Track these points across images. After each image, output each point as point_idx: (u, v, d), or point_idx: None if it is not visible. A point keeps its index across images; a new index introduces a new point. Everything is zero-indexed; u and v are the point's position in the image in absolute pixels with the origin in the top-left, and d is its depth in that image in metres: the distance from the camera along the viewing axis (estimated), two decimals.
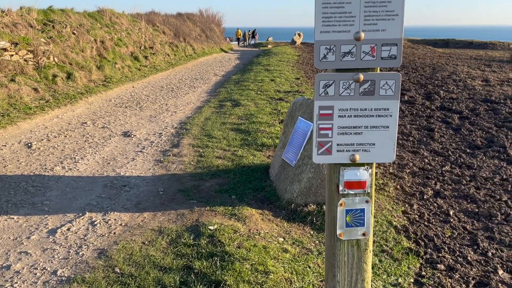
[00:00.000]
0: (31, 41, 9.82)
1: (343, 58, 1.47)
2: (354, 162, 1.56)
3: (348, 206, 1.57)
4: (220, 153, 5.67)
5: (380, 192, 4.60)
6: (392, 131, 1.55)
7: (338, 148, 1.55)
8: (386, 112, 1.53)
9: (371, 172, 1.58)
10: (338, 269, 1.57)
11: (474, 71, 13.87)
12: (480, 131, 6.99)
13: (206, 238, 3.40)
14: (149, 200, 4.27)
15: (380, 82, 1.50)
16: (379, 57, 1.47)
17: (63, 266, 3.08)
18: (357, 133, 1.54)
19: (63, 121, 7.37)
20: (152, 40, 18.15)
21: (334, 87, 1.50)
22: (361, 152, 1.55)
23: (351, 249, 1.58)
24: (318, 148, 1.55)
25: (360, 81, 1.49)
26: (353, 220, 1.57)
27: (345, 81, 1.50)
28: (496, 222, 3.97)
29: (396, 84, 1.50)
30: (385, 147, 1.55)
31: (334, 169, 1.58)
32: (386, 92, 1.50)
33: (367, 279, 1.57)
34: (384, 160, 1.57)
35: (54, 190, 4.46)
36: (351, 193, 1.57)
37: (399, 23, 1.43)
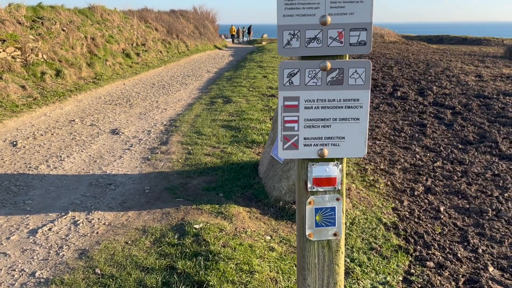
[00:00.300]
0: (19, 38, 9.67)
1: (308, 45, 1.37)
2: (323, 157, 1.45)
3: (318, 205, 1.47)
4: (209, 150, 5.58)
5: (370, 189, 4.53)
6: (363, 124, 1.44)
7: (305, 142, 1.45)
8: (356, 103, 1.42)
9: (341, 168, 1.48)
10: (309, 272, 1.46)
11: (467, 67, 13.85)
12: (473, 126, 6.95)
13: (191, 237, 3.32)
14: (134, 198, 4.17)
15: (349, 70, 1.39)
16: (347, 43, 1.37)
17: (42, 268, 2.99)
18: (325, 126, 1.44)
19: (51, 119, 7.24)
20: (144, 37, 17.98)
21: (300, 76, 1.40)
22: (330, 146, 1.45)
23: (321, 251, 1.47)
24: (283, 142, 1.45)
25: (328, 69, 1.39)
26: (323, 220, 1.47)
27: (311, 70, 1.39)
28: (487, 218, 3.92)
29: (366, 73, 1.40)
30: (355, 141, 1.45)
31: (302, 164, 1.48)
32: (355, 81, 1.40)
33: (340, 282, 1.47)
34: (354, 155, 1.47)
35: (37, 189, 4.35)
36: (320, 191, 1.47)
37: (368, 6, 1.33)
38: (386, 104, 8.90)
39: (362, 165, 5.26)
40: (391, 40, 29.76)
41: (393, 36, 32.62)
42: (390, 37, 31.50)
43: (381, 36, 30.71)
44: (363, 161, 5.44)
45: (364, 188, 4.53)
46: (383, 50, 21.49)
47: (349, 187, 4.39)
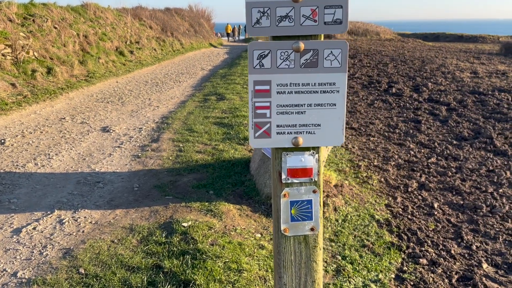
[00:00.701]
0: (10, 35, 9.53)
1: (279, 23, 1.27)
2: (297, 146, 1.36)
3: (293, 197, 1.37)
4: (200, 148, 5.49)
5: (364, 185, 4.47)
6: (340, 110, 1.35)
7: (278, 130, 1.36)
8: (332, 87, 1.33)
9: (317, 158, 1.39)
10: (284, 270, 1.36)
11: (463, 64, 13.81)
12: (468, 122, 6.89)
13: (178, 235, 3.23)
14: (122, 196, 4.09)
15: (324, 51, 1.30)
16: (321, 22, 1.27)
17: (25, 268, 2.90)
18: (300, 112, 1.34)
19: (41, 117, 7.13)
20: (138, 34, 17.85)
21: (271, 58, 1.30)
22: (304, 134, 1.36)
23: (298, 247, 1.38)
24: (255, 130, 1.35)
25: (301, 50, 1.29)
26: (299, 213, 1.38)
27: (283, 51, 1.29)
28: (481, 214, 3.86)
29: (342, 54, 1.30)
30: (332, 128, 1.36)
31: (276, 154, 1.38)
32: (331, 63, 1.30)
33: (318, 280, 1.38)
34: (331, 143, 1.37)
35: (23, 188, 4.26)
36: (296, 182, 1.38)
37: None
38: (381, 100, 8.84)
39: (355, 162, 5.19)
40: (386, 38, 29.73)
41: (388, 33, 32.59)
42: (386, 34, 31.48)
43: (376, 33, 30.68)
44: (357, 157, 5.37)
45: (357, 185, 4.46)
46: (378, 47, 21.45)
47: (342, 184, 4.32)
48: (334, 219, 3.70)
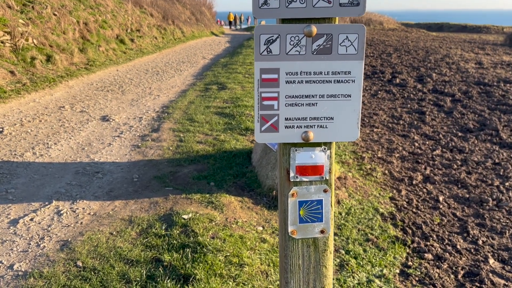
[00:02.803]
0: (8, 22, 9.39)
1: (289, 5, 1.14)
2: (308, 141, 1.23)
3: (302, 197, 1.25)
4: (201, 138, 5.41)
5: (367, 178, 4.39)
6: (355, 101, 1.23)
7: (287, 124, 1.23)
8: (347, 77, 1.20)
9: (329, 154, 1.26)
10: (292, 275, 1.26)
11: (467, 54, 13.64)
12: (473, 114, 6.79)
13: (178, 228, 3.17)
14: (122, 187, 4.01)
15: (339, 36, 1.17)
16: (336, 3, 1.14)
17: (21, 260, 2.84)
18: (311, 104, 1.22)
19: (40, 105, 7.04)
20: (139, 22, 17.64)
21: (280, 44, 1.17)
22: (316, 128, 1.23)
23: (307, 250, 1.27)
24: (261, 124, 1.22)
25: (313, 35, 1.16)
26: (309, 215, 1.26)
27: (294, 36, 1.16)
28: (488, 208, 3.78)
29: (359, 40, 1.18)
30: (346, 121, 1.23)
31: (284, 150, 1.26)
32: (346, 50, 1.18)
33: (328, 286, 1.28)
34: (345, 138, 1.25)
35: (21, 177, 4.18)
36: (305, 181, 1.25)
37: None
38: (384, 91, 8.72)
39: (359, 153, 5.10)
40: (390, 28, 29.44)
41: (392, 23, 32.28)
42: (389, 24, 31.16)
43: (380, 23, 30.37)
44: (360, 149, 5.28)
45: (360, 177, 4.38)
46: (382, 37, 21.22)
47: (345, 176, 4.24)
48: (337, 212, 3.63)
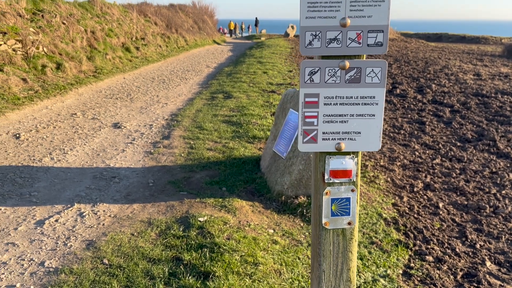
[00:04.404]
0: (20, 30, 9.66)
1: (329, 45, 1.45)
2: (340, 150, 1.54)
3: (334, 195, 1.56)
4: (211, 145, 5.64)
5: (371, 185, 4.61)
6: (378, 120, 1.53)
7: (324, 137, 1.53)
8: (372, 100, 1.51)
9: (356, 161, 1.57)
10: (323, 258, 1.56)
11: (466, 65, 13.93)
12: (471, 124, 7.03)
13: (195, 229, 3.38)
14: (138, 191, 4.23)
15: (366, 69, 1.48)
16: (365, 44, 1.45)
17: (51, 257, 3.05)
18: (343, 121, 1.53)
19: (52, 112, 7.27)
20: (143, 31, 17.95)
21: (320, 74, 1.48)
22: (346, 140, 1.54)
23: (336, 238, 1.57)
24: (303, 137, 1.53)
25: (346, 68, 1.47)
26: (339, 209, 1.57)
27: (331, 68, 1.48)
28: (485, 215, 4.01)
29: (382, 72, 1.48)
30: (371, 135, 1.54)
31: (320, 157, 1.56)
32: (372, 79, 1.48)
33: (353, 268, 1.57)
34: (370, 148, 1.56)
35: (42, 181, 4.40)
36: (337, 182, 1.56)
37: (385, 10, 1.42)
38: (385, 101, 8.97)
39: (362, 162, 5.33)
40: (389, 37, 29.80)
41: (392, 33, 32.65)
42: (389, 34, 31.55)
43: None
44: (363, 157, 5.51)
45: (364, 184, 4.61)
46: None
47: None
48: None
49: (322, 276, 1.57)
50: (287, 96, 4.69)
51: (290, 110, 4.42)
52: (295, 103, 4.45)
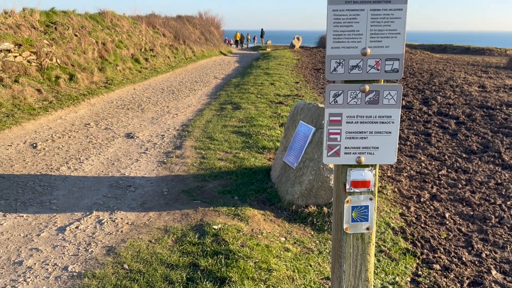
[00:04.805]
0: (34, 42, 9.93)
1: (351, 71, 1.64)
2: (360, 163, 1.73)
3: (354, 203, 1.74)
4: (222, 155, 5.79)
5: (378, 195, 4.73)
6: (394, 136, 1.72)
7: (346, 151, 1.72)
8: (388, 119, 1.70)
9: (374, 173, 1.75)
10: (344, 260, 1.73)
11: (471, 77, 14.06)
12: (476, 136, 7.15)
13: (210, 237, 3.52)
14: (154, 200, 4.38)
15: (384, 92, 1.67)
16: (383, 70, 1.64)
17: (74, 262, 3.20)
18: (363, 137, 1.71)
19: (67, 122, 7.47)
20: (152, 42, 18.27)
21: (343, 97, 1.67)
22: (366, 154, 1.72)
23: (356, 242, 1.75)
24: (327, 151, 1.72)
25: (366, 91, 1.66)
26: (358, 216, 1.74)
27: (353, 91, 1.67)
28: (490, 225, 4.11)
29: (397, 95, 1.68)
30: (387, 150, 1.73)
31: (342, 169, 1.74)
32: (389, 101, 1.68)
33: (370, 269, 1.73)
34: (386, 162, 1.74)
35: (61, 190, 4.57)
36: (357, 191, 1.74)
37: (401, 41, 1.61)
38: None
39: None
40: None
41: None
42: None
43: None
44: None
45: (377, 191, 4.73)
46: None
47: None
48: None
49: (343, 276, 1.75)
50: (297, 108, 4.85)
51: (300, 122, 4.58)
52: (305, 115, 4.60)
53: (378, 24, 1.57)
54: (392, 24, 1.57)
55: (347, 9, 1.56)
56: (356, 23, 1.57)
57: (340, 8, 1.56)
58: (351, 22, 1.56)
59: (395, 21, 1.57)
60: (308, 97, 10.30)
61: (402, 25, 1.59)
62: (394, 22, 1.57)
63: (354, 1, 1.55)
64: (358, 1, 1.55)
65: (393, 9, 1.56)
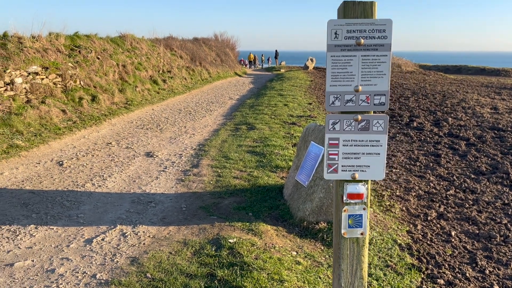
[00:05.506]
0: (60, 65, 10.49)
1: (346, 104, 1.99)
2: (354, 179, 2.04)
3: (350, 212, 2.05)
4: (237, 174, 6.07)
5: (387, 213, 4.93)
6: (382, 157, 2.04)
7: (343, 169, 2.05)
8: (377, 143, 2.03)
9: (367, 187, 2.06)
10: (342, 260, 2.04)
11: (483, 99, 14.17)
12: (486, 157, 7.29)
13: (226, 250, 3.77)
14: (173, 215, 4.67)
15: (373, 121, 2.01)
16: (372, 104, 1.98)
17: (101, 271, 3.48)
18: (356, 157, 2.04)
19: (90, 141, 7.87)
20: (170, 64, 18.89)
21: (340, 124, 2.01)
22: (359, 172, 2.05)
23: (352, 245, 2.04)
24: (327, 168, 2.05)
25: (359, 120, 2.00)
26: (354, 223, 2.05)
27: (348, 120, 2.01)
28: (495, 243, 4.27)
29: (385, 123, 2.01)
30: (377, 168, 2.06)
31: (340, 184, 2.06)
32: (377, 128, 2.01)
33: (364, 268, 2.03)
34: (376, 178, 2.07)
35: (87, 205, 4.89)
36: (352, 202, 2.05)
37: (387, 80, 1.95)
38: (402, 134, 9.31)
39: (379, 191, 5.67)
40: (408, 70, 30.22)
41: (410, 66, 33.10)
42: (407, 67, 31.98)
43: (398, 66, 31.22)
44: (380, 187, 5.84)
45: (381, 212, 4.93)
46: (400, 80, 21.95)
47: None
48: None
49: (341, 274, 2.03)
50: (308, 129, 5.13)
51: (312, 143, 4.84)
52: (316, 136, 4.87)
53: (367, 67, 1.92)
54: (379, 67, 1.92)
55: (342, 56, 1.91)
56: (350, 66, 1.92)
57: (337, 55, 1.92)
58: (346, 65, 1.91)
59: (381, 65, 1.92)
60: (321, 118, 10.58)
61: (387, 68, 1.93)
62: (381, 65, 1.92)
63: (348, 49, 1.91)
64: (351, 49, 1.91)
65: (379, 55, 1.91)
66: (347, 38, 1.89)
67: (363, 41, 1.88)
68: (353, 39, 1.89)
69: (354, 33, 1.88)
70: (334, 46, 1.90)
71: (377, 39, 1.89)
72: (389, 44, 1.90)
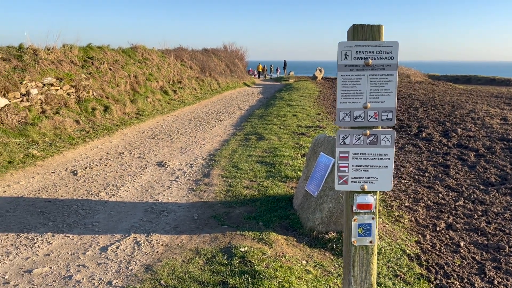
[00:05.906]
0: (74, 76, 10.74)
1: (355, 120, 2.11)
2: (363, 190, 2.15)
3: (360, 221, 2.15)
4: (247, 184, 6.17)
5: (396, 223, 4.98)
6: (390, 169, 2.16)
7: (352, 180, 2.16)
8: (385, 156, 2.15)
9: (375, 198, 2.17)
10: (352, 267, 2.14)
11: (493, 109, 14.15)
12: (495, 169, 7.31)
13: (237, 258, 3.86)
14: (185, 224, 4.77)
15: (381, 136, 2.13)
16: (380, 119, 2.10)
17: (116, 278, 3.58)
18: (365, 170, 2.16)
19: (102, 151, 8.04)
20: (180, 74, 19.15)
21: (350, 139, 2.13)
22: (368, 183, 2.16)
23: (361, 252, 2.15)
24: (338, 180, 2.17)
25: (367, 135, 2.12)
26: (363, 231, 2.15)
27: (357, 135, 2.13)
28: (504, 254, 4.30)
29: (392, 138, 2.13)
30: (385, 180, 2.17)
31: (350, 195, 2.18)
32: (385, 143, 2.13)
33: (373, 275, 2.12)
34: (384, 189, 2.18)
35: (101, 213, 5.01)
36: (362, 212, 2.16)
37: (393, 97, 2.08)
38: (411, 144, 9.35)
39: (388, 202, 5.72)
40: (417, 80, 30.22)
41: (419, 76, 33.07)
42: (416, 77, 31.96)
43: (407, 76, 31.23)
44: (389, 198, 5.90)
45: (390, 223, 4.99)
46: (409, 90, 21.96)
47: None
48: None
49: (351, 280, 2.13)
50: (318, 140, 5.22)
51: (321, 153, 4.93)
52: (325, 147, 4.96)
53: (375, 85, 2.05)
54: (386, 85, 2.05)
55: (352, 75, 2.04)
56: (359, 84, 2.05)
57: (347, 74, 2.05)
58: (355, 84, 2.04)
59: (388, 83, 2.05)
60: (329, 128, 10.66)
61: (394, 86, 2.05)
62: (388, 84, 2.05)
63: (357, 69, 2.04)
64: (360, 69, 2.04)
65: (386, 75, 2.04)
66: (356, 59, 2.02)
67: (371, 62, 2.01)
68: (362, 59, 2.02)
69: (362, 54, 2.01)
70: (344, 66, 2.02)
71: (384, 60, 2.02)
72: (395, 64, 2.02)
